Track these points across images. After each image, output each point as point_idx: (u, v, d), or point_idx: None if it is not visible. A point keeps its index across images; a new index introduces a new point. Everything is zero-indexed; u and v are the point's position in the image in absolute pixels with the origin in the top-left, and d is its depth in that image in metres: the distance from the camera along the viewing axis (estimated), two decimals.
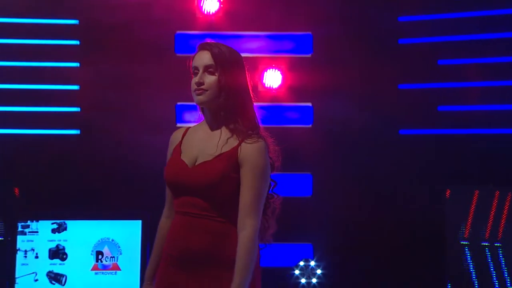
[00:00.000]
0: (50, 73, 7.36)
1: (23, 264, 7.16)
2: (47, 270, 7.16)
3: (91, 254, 7.05)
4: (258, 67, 7.25)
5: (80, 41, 7.39)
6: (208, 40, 3.48)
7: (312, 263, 6.92)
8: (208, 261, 3.32)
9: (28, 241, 7.17)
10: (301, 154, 7.24)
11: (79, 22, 7.41)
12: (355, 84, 7.27)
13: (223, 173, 3.30)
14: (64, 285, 7.07)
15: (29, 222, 7.15)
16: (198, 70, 3.39)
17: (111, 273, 7.08)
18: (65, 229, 7.11)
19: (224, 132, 3.39)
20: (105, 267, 7.06)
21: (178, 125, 7.28)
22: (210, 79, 3.37)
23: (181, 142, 3.50)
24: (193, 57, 3.47)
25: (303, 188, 7.31)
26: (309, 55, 7.36)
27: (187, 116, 7.34)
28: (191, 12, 7.31)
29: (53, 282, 7.14)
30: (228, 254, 3.30)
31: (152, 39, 7.35)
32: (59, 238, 7.09)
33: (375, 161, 7.21)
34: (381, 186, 7.18)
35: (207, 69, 3.39)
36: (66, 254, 7.04)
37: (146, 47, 7.39)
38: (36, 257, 7.16)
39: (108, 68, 7.37)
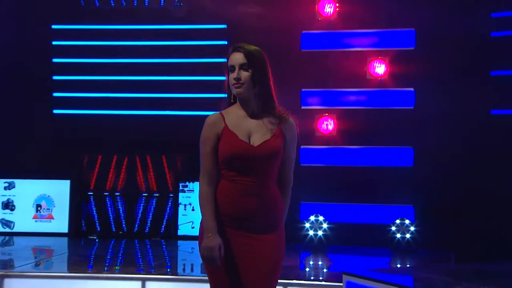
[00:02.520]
0: (203, 67, 7.80)
1: None
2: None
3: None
4: (366, 59, 7.31)
5: (228, 41, 7.72)
6: (240, 44, 3.54)
7: (407, 221, 6.89)
8: (262, 216, 3.41)
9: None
10: (403, 131, 7.27)
11: (227, 26, 7.77)
12: (451, 72, 7.15)
13: (280, 148, 3.42)
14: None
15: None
16: (235, 68, 3.44)
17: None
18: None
19: (264, 116, 3.47)
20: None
21: (303, 107, 7.48)
22: (245, 75, 3.45)
23: (226, 126, 3.50)
24: (229, 57, 3.49)
25: (405, 159, 7.29)
26: (412, 48, 7.29)
27: (310, 100, 7.52)
28: (313, 15, 7.44)
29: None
30: (276, 209, 3.43)
31: (283, 38, 7.53)
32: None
33: (467, 137, 7.07)
34: (472, 160, 7.05)
35: (242, 67, 3.45)
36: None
37: (278, 44, 7.45)
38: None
39: None
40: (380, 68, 7.20)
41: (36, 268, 6.07)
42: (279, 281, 3.51)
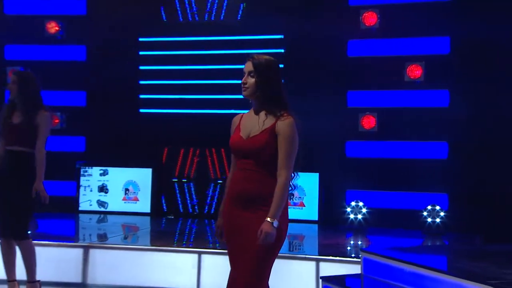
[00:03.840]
0: None
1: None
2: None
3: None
4: (404, 63, 7.37)
5: (284, 49, 7.93)
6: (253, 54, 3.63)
7: (437, 207, 6.96)
8: (254, 199, 3.51)
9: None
10: (439, 128, 7.35)
11: (284, 36, 7.98)
12: (482, 74, 7.15)
13: (266, 142, 3.48)
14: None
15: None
16: (245, 74, 3.57)
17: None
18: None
19: (263, 115, 3.55)
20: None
21: (349, 106, 7.66)
22: (250, 81, 3.55)
23: (239, 123, 3.66)
24: (245, 65, 3.61)
25: (440, 152, 7.36)
26: (446, 54, 7.33)
27: (354, 100, 7.67)
28: (358, 26, 7.58)
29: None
30: (267, 195, 3.49)
31: (332, 46, 7.74)
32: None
33: (497, 132, 7.10)
34: (501, 153, 7.07)
35: (249, 73, 3.55)
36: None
37: (327, 51, 7.73)
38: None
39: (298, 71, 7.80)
40: (417, 72, 7.24)
41: (125, 241, 6.56)
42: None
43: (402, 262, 4.51)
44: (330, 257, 5.56)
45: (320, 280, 4.84)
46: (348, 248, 6.57)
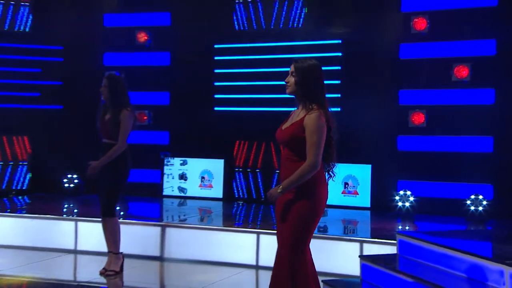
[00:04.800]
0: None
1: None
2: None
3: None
4: (452, 64, 7.35)
5: (341, 53, 8.04)
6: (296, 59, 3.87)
7: (480, 196, 6.93)
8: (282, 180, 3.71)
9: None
10: (484, 124, 7.30)
11: (342, 41, 8.09)
12: None
13: (292, 134, 3.69)
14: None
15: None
16: (288, 74, 3.80)
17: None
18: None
19: (300, 109, 3.76)
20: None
21: (400, 104, 7.70)
22: (291, 80, 3.76)
23: (287, 118, 3.88)
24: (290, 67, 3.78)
25: (486, 146, 7.31)
26: (493, 55, 7.25)
27: (405, 98, 7.68)
28: (409, 30, 7.62)
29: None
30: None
31: (385, 49, 7.82)
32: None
33: None
34: None
35: (291, 74, 3.77)
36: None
37: (381, 54, 7.82)
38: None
39: (354, 73, 7.94)
40: (463, 72, 7.22)
41: (201, 222, 6.94)
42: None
43: (431, 244, 4.64)
44: (373, 239, 5.77)
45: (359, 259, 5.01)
46: (394, 232, 6.66)
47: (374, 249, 5.59)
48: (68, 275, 6.10)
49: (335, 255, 5.72)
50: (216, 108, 8.65)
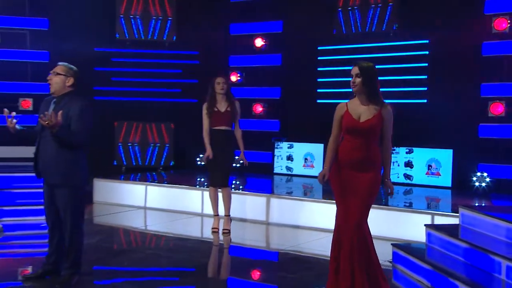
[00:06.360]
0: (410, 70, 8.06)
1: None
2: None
3: (425, 166, 7.84)
4: None
5: (429, 51, 7.97)
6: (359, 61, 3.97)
7: None
8: (364, 164, 3.85)
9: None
10: None
11: (429, 41, 7.99)
12: None
13: (376, 124, 3.82)
14: (412, 180, 7.83)
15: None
16: (352, 76, 3.87)
17: (436, 177, 7.73)
18: (412, 151, 7.95)
19: (369, 104, 3.87)
20: (432, 174, 7.74)
21: (482, 96, 7.50)
22: (358, 80, 3.85)
23: (347, 110, 3.92)
24: (352, 69, 3.86)
25: None
26: None
27: (486, 90, 7.48)
28: (490, 30, 7.41)
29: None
30: (374, 159, 3.89)
31: (469, 47, 7.67)
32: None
33: None
34: None
35: (357, 75, 3.86)
36: (413, 164, 7.91)
37: (465, 51, 7.62)
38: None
39: (440, 68, 7.80)
40: None
41: (297, 194, 7.07)
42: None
43: (487, 216, 4.72)
44: (443, 212, 5.79)
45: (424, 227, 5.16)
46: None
47: (444, 220, 5.65)
48: (196, 232, 6.79)
49: (411, 225, 5.85)
50: (318, 101, 8.81)
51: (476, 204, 6.51)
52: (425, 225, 5.18)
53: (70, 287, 4.28)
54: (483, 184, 7.20)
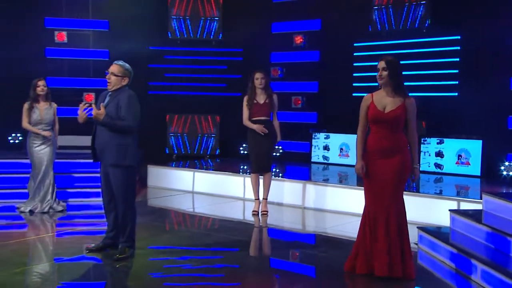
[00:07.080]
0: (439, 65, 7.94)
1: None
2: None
3: (455, 156, 7.69)
4: None
5: (460, 47, 7.86)
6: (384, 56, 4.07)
7: None
8: (392, 151, 3.90)
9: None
10: None
11: (461, 37, 7.89)
12: None
13: (401, 114, 3.88)
14: (442, 169, 7.69)
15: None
16: (379, 70, 3.94)
17: (466, 166, 7.56)
18: (443, 142, 7.82)
19: (395, 96, 3.93)
20: (462, 163, 7.56)
21: (511, 89, 7.36)
22: (384, 74, 3.92)
23: (372, 101, 3.97)
24: (378, 63, 3.92)
25: None
26: None
27: None
28: None
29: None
30: (401, 146, 3.94)
31: (496, 41, 7.45)
32: (440, 147, 7.83)
33: None
34: None
35: (383, 69, 3.92)
36: (443, 154, 7.77)
37: (491, 46, 7.50)
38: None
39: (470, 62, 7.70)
40: None
41: (332, 182, 7.13)
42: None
43: (510, 202, 4.71)
44: (468, 198, 5.78)
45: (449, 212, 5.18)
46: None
47: (469, 206, 5.62)
48: (238, 214, 7.01)
49: (438, 211, 5.85)
50: (354, 94, 8.76)
51: (504, 192, 6.43)
52: (449, 210, 5.20)
53: (126, 258, 4.57)
54: (511, 173, 7.10)
